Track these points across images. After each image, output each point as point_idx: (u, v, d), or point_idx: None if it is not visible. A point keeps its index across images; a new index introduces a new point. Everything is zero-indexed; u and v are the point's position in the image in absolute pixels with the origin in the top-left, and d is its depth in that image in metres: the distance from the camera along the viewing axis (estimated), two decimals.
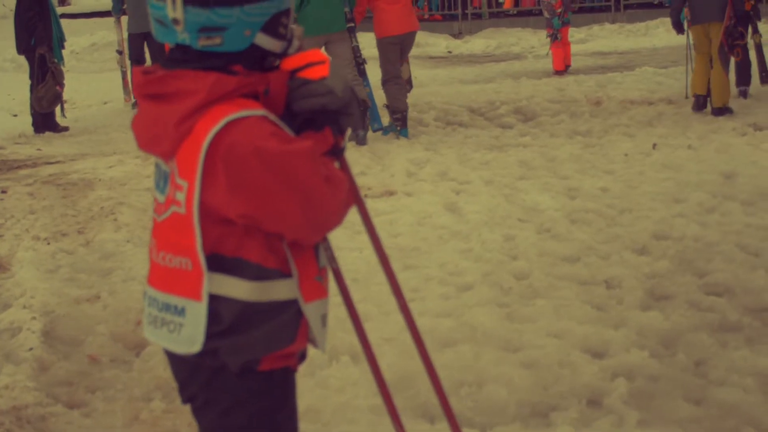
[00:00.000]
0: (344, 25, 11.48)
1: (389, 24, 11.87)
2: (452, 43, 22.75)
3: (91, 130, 14.09)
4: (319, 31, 10.96)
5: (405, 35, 12.07)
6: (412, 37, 12.33)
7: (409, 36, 12.19)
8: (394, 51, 12.05)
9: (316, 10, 10.99)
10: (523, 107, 13.69)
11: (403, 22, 11.92)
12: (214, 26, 2.34)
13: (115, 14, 16.98)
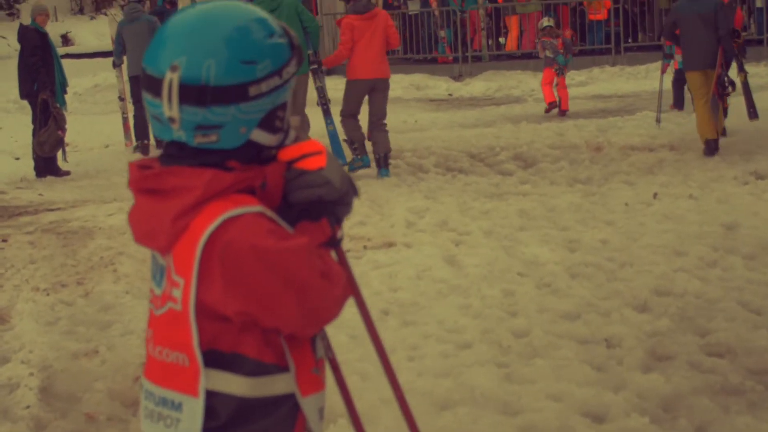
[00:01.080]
0: (307, 68, 12.20)
1: (360, 68, 12.47)
2: (453, 86, 22.79)
3: (92, 174, 14.13)
4: None
5: (374, 80, 12.56)
6: (382, 82, 12.73)
7: (379, 81, 12.64)
8: (358, 93, 12.67)
9: None
10: (523, 153, 13.69)
11: (374, 68, 12.48)
12: (210, 124, 2.34)
13: (116, 59, 17.00)
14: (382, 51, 12.59)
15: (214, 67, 2.32)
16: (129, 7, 17.27)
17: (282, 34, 2.45)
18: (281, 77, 2.41)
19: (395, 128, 16.72)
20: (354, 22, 12.39)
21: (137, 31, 16.17)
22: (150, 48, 2.42)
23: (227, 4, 2.47)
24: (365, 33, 12.36)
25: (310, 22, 12.55)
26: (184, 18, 2.42)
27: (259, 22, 2.42)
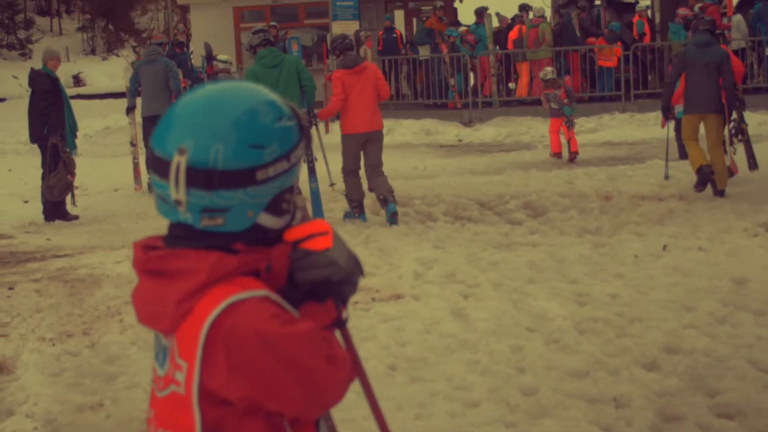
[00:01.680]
0: None
1: (353, 123, 12.74)
2: (462, 131, 22.79)
3: (101, 218, 14.12)
4: None
5: (369, 133, 12.84)
6: (377, 134, 13.01)
7: (374, 134, 12.93)
8: (354, 147, 12.86)
9: None
10: (532, 201, 13.67)
11: (368, 121, 12.75)
12: (217, 208, 2.32)
13: (130, 99, 17.05)
14: (373, 104, 12.83)
15: (222, 151, 2.30)
16: (149, 48, 17.73)
17: (290, 116, 2.43)
18: (289, 161, 2.39)
19: (405, 174, 16.78)
20: (344, 77, 12.62)
21: (154, 72, 16.51)
22: (158, 128, 2.40)
23: (236, 86, 2.45)
24: (355, 87, 12.60)
25: (308, 81, 12.89)
26: (193, 99, 2.41)
27: (268, 105, 2.40)
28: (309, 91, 12.90)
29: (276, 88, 11.35)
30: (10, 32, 45.03)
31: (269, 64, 12.64)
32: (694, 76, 13.37)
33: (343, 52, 12.83)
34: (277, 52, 13.03)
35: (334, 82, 12.80)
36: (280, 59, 12.79)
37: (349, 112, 12.73)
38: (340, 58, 12.90)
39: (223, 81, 2.50)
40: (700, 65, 13.30)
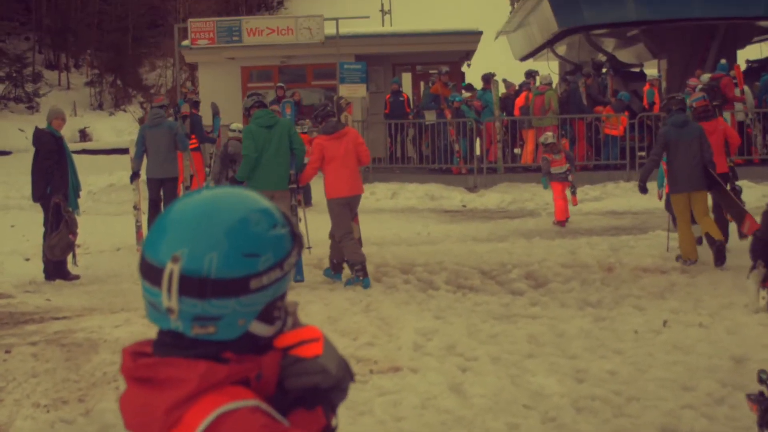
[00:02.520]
0: (286, 185, 13.17)
1: (337, 187, 13.18)
2: (467, 197, 22.83)
3: (102, 279, 14.10)
4: (267, 187, 12.59)
5: (351, 197, 13.35)
6: (357, 199, 13.58)
7: (354, 198, 13.46)
8: (343, 211, 13.23)
9: (267, 170, 12.95)
10: (534, 271, 13.68)
11: (350, 185, 13.23)
12: (209, 316, 2.30)
13: (136, 160, 17.24)
14: (355, 169, 13.35)
15: (216, 260, 2.29)
16: (152, 112, 17.82)
17: (284, 224, 2.42)
18: (282, 269, 2.38)
19: (408, 240, 16.81)
20: (324, 143, 13.14)
21: (160, 135, 16.77)
22: (151, 235, 2.38)
23: (230, 193, 2.44)
24: (336, 152, 13.07)
25: (298, 145, 13.29)
26: (187, 206, 2.39)
27: (262, 213, 2.39)
28: (299, 154, 13.29)
29: (269, 147, 12.96)
30: (18, 85, 45.21)
31: (264, 124, 13.05)
32: (677, 156, 13.89)
33: (325, 119, 13.30)
34: (271, 114, 13.49)
35: (313, 148, 13.32)
36: (275, 121, 13.24)
37: (331, 177, 13.18)
38: (322, 124, 13.35)
39: (221, 187, 2.50)
40: (681, 145, 13.80)
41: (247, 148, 12.99)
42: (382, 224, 19.10)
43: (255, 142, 12.87)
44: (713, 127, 14.64)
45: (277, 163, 13.03)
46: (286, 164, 13.14)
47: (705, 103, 14.96)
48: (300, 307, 7.63)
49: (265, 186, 12.56)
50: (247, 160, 12.99)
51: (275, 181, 13.02)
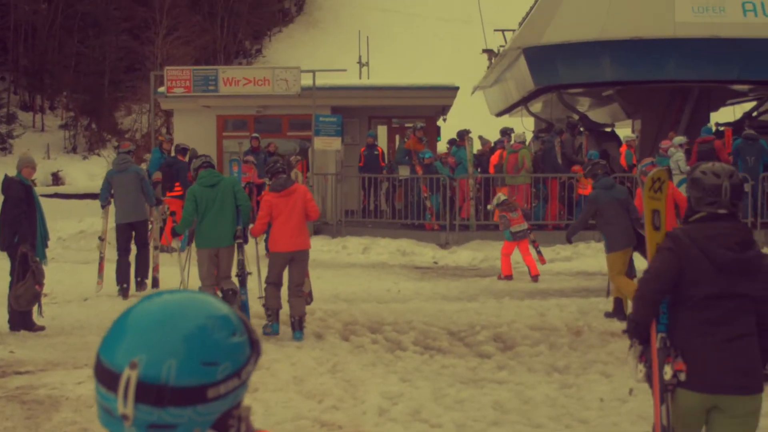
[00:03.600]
0: (232, 241, 13.72)
1: (280, 242, 13.57)
2: (439, 253, 22.80)
3: (67, 330, 13.95)
4: (211, 244, 13.50)
5: (295, 252, 13.60)
6: (302, 254, 13.75)
7: (298, 253, 13.67)
8: (280, 263, 13.62)
9: (210, 227, 13.51)
10: (503, 334, 13.63)
11: (293, 241, 13.56)
12: (164, 424, 2.26)
13: (103, 203, 17.64)
14: (300, 225, 13.66)
15: (174, 368, 2.24)
16: (119, 157, 17.99)
17: (243, 331, 2.38)
18: (240, 378, 2.34)
19: (378, 297, 16.76)
20: (272, 200, 13.56)
21: (125, 180, 17.04)
22: (108, 338, 2.33)
23: (191, 299, 2.40)
24: (284, 209, 13.47)
25: (243, 201, 13.81)
26: (146, 310, 2.35)
27: (222, 320, 2.35)
28: (244, 210, 13.80)
29: (213, 205, 13.48)
30: None
31: (207, 183, 13.58)
32: (609, 218, 14.73)
33: (275, 175, 13.74)
34: (215, 173, 13.90)
35: (262, 204, 13.81)
36: (218, 179, 13.75)
37: (276, 232, 13.59)
38: (273, 180, 13.78)
39: (179, 291, 2.45)
40: (612, 206, 14.70)
41: (186, 209, 13.65)
42: (353, 279, 19.07)
43: (196, 204, 13.49)
44: None
45: (222, 220, 13.57)
46: (232, 221, 13.69)
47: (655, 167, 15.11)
48: (266, 365, 7.62)
49: (210, 243, 13.50)
50: (183, 221, 13.79)
51: (220, 237, 13.61)
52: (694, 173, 5.87)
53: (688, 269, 5.60)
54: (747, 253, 5.61)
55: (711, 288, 5.58)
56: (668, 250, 5.70)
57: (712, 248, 5.57)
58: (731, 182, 5.74)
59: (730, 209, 5.74)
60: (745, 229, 5.78)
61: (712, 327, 5.59)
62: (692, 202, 5.85)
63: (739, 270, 5.58)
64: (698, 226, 5.73)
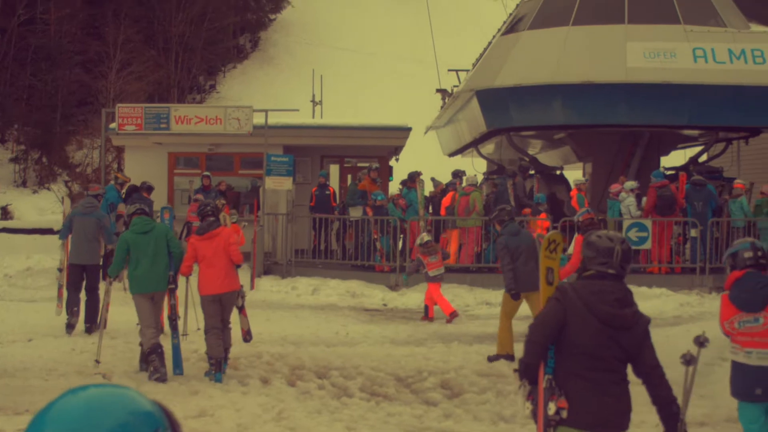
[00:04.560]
0: (166, 286, 13.98)
1: (206, 285, 13.75)
2: (388, 296, 22.74)
3: (10, 372, 13.74)
4: (145, 289, 13.73)
5: (222, 294, 13.76)
6: (230, 295, 13.92)
7: (226, 295, 13.84)
8: (213, 307, 13.75)
9: (145, 273, 13.75)
10: (450, 380, 13.59)
11: (219, 283, 13.72)
12: None
13: (62, 239, 17.93)
14: (226, 267, 13.79)
15: None
16: (86, 200, 18.36)
17: (167, 426, 2.33)
18: None
19: (326, 340, 16.66)
20: (196, 243, 13.84)
21: (86, 224, 17.39)
22: (30, 429, 2.28)
23: (113, 394, 2.34)
24: (207, 252, 13.74)
25: (175, 248, 14.13)
26: (69, 406, 2.29)
27: (145, 417, 2.30)
28: (176, 256, 14.07)
29: (146, 251, 13.76)
30: None
31: (140, 230, 13.91)
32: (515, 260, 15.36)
33: (204, 218, 14.08)
34: (148, 220, 14.22)
35: (188, 247, 14.03)
36: (152, 226, 14.09)
37: (202, 275, 13.80)
38: (201, 223, 14.11)
39: (103, 386, 2.40)
40: (517, 251, 15.36)
41: (117, 254, 14.04)
42: (301, 321, 18.97)
43: (128, 249, 13.83)
44: None
45: (155, 265, 13.84)
46: (165, 266, 13.95)
47: (590, 216, 15.94)
48: (210, 412, 7.52)
49: (144, 288, 13.76)
50: (115, 264, 14.14)
51: (154, 282, 13.86)
52: (589, 236, 6.63)
53: (572, 320, 6.28)
54: (625, 310, 6.31)
55: (591, 338, 6.25)
56: (556, 300, 6.39)
57: (595, 303, 6.28)
58: (622, 247, 6.49)
59: (618, 271, 6.47)
60: (626, 290, 6.44)
61: (591, 372, 6.25)
62: (585, 261, 6.57)
63: (617, 324, 6.28)
64: (586, 283, 6.44)
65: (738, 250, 8.46)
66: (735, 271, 8.38)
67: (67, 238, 17.71)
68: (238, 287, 14.15)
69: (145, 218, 14.18)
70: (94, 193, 19.72)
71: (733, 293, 8.32)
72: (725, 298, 8.40)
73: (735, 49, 27.23)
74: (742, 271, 8.31)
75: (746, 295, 8.20)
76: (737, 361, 8.44)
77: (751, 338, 8.23)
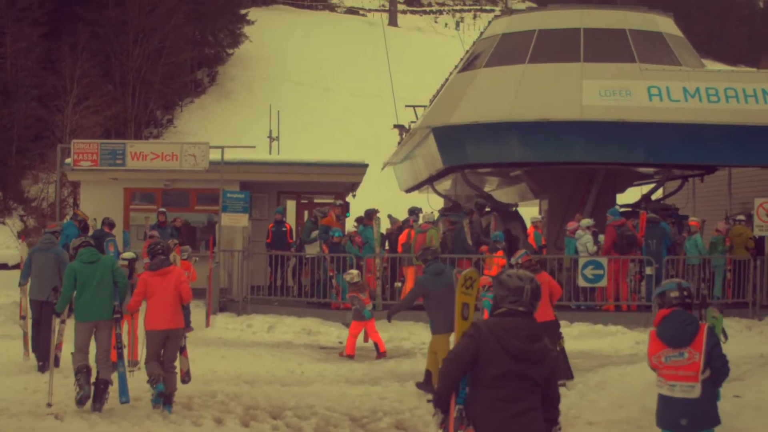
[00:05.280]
0: (111, 315, 14.09)
1: (154, 320, 14.03)
2: (344, 333, 22.54)
3: None
4: (89, 318, 13.97)
5: (168, 330, 14.03)
6: (176, 332, 14.17)
7: (172, 331, 14.09)
8: (156, 342, 14.02)
9: (88, 301, 13.97)
10: (404, 420, 13.55)
11: (166, 319, 14.01)
12: None
13: (22, 279, 18.19)
14: (174, 303, 14.11)
15: None
16: (44, 237, 18.47)
17: None
18: None
19: (281, 379, 16.56)
20: (147, 279, 14.14)
21: (45, 260, 17.54)
22: None
23: None
24: (157, 289, 14.04)
25: (120, 279, 14.34)
26: None
27: None
28: (122, 287, 14.30)
29: (92, 281, 13.99)
30: None
31: (87, 260, 14.18)
32: (435, 303, 15.59)
33: (155, 256, 14.42)
34: (94, 251, 14.45)
35: (138, 283, 14.33)
36: (97, 257, 14.35)
37: (150, 310, 14.07)
38: (152, 260, 14.38)
39: None
40: (440, 292, 15.50)
41: (64, 286, 14.23)
42: (256, 360, 18.84)
43: (76, 279, 14.01)
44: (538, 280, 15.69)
45: (100, 295, 14.04)
46: (110, 296, 14.10)
47: (528, 258, 16.60)
48: None
49: (89, 316, 13.98)
50: (62, 296, 14.27)
51: (98, 311, 14.04)
52: (501, 276, 7.07)
53: (484, 354, 6.66)
54: (535, 345, 6.71)
55: (501, 371, 6.63)
56: (470, 336, 6.79)
57: (506, 339, 6.65)
58: (531, 286, 6.98)
59: (528, 308, 6.91)
60: (535, 325, 6.90)
61: (501, 403, 6.63)
62: (497, 299, 6.97)
63: (527, 358, 6.66)
64: (498, 320, 6.84)
65: (665, 290, 8.99)
66: (663, 309, 8.90)
67: (27, 282, 17.89)
68: (183, 325, 14.49)
69: (92, 249, 14.44)
70: (51, 230, 19.67)
71: (660, 330, 8.83)
72: (653, 334, 8.91)
73: (690, 88, 27.46)
74: (669, 309, 8.84)
75: (673, 331, 8.70)
76: (663, 393, 8.89)
77: (676, 372, 8.71)
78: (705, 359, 8.57)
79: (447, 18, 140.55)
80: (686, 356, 8.62)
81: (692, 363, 8.60)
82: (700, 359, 8.57)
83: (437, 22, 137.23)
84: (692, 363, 8.60)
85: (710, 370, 8.63)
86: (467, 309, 8.33)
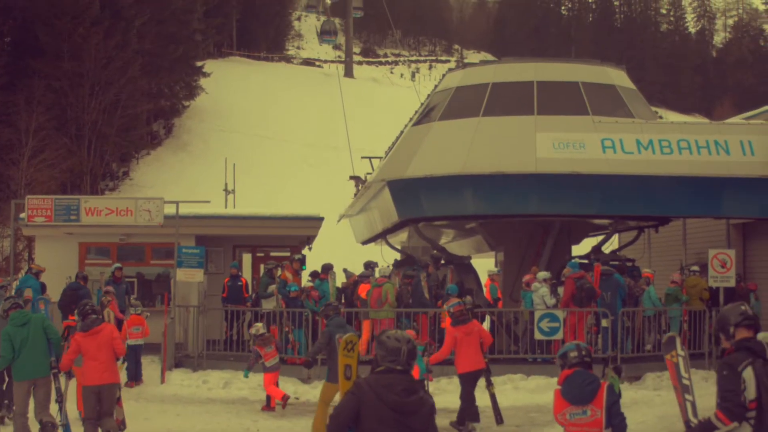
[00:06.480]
0: (48, 371, 14.55)
1: (88, 377, 14.42)
2: (300, 388, 22.49)
3: None
4: (27, 376, 14.44)
5: (102, 386, 14.42)
6: (111, 387, 14.61)
7: (106, 387, 14.46)
8: (91, 397, 14.36)
9: (26, 361, 14.43)
10: None
11: (99, 375, 14.37)
12: None
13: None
14: (108, 360, 14.51)
15: None
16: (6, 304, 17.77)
17: None
18: None
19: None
20: (80, 339, 14.48)
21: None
22: None
23: None
24: (90, 347, 14.36)
25: (53, 335, 14.81)
26: None
27: None
28: (55, 342, 14.74)
29: (26, 341, 14.43)
30: None
31: (18, 323, 14.64)
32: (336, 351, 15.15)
33: (86, 316, 14.69)
34: (25, 313, 15.07)
35: (72, 343, 14.75)
36: (28, 318, 14.83)
37: (86, 367, 14.45)
38: (84, 321, 14.66)
39: None
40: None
41: (3, 349, 14.58)
42: (212, 417, 18.74)
43: (11, 342, 14.47)
44: (469, 329, 17.13)
45: (35, 353, 14.49)
46: (45, 353, 14.56)
47: (461, 308, 17.23)
48: None
49: (27, 375, 14.46)
50: (2, 360, 14.64)
51: (35, 369, 14.51)
52: (380, 337, 7.61)
53: (365, 409, 7.22)
54: (411, 397, 7.30)
55: (382, 423, 7.22)
56: (352, 394, 7.33)
57: (385, 394, 7.22)
58: (408, 347, 7.49)
59: (405, 366, 7.45)
60: (411, 381, 7.46)
61: None
62: (378, 358, 7.51)
63: (405, 410, 7.25)
64: (378, 377, 7.35)
65: (566, 351, 9.41)
66: (565, 370, 9.25)
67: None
68: (118, 380, 14.91)
69: (22, 311, 15.02)
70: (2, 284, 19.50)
71: (564, 389, 9.16)
72: (557, 393, 9.23)
73: (643, 140, 27.63)
74: (572, 369, 9.19)
75: (575, 390, 9.06)
76: None
77: (581, 428, 9.05)
78: (606, 416, 8.97)
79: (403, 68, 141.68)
80: (589, 413, 8.99)
81: (595, 420, 8.98)
82: (602, 416, 8.97)
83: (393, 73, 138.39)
84: (595, 420, 8.98)
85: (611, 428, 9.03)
86: (350, 370, 9.12)
